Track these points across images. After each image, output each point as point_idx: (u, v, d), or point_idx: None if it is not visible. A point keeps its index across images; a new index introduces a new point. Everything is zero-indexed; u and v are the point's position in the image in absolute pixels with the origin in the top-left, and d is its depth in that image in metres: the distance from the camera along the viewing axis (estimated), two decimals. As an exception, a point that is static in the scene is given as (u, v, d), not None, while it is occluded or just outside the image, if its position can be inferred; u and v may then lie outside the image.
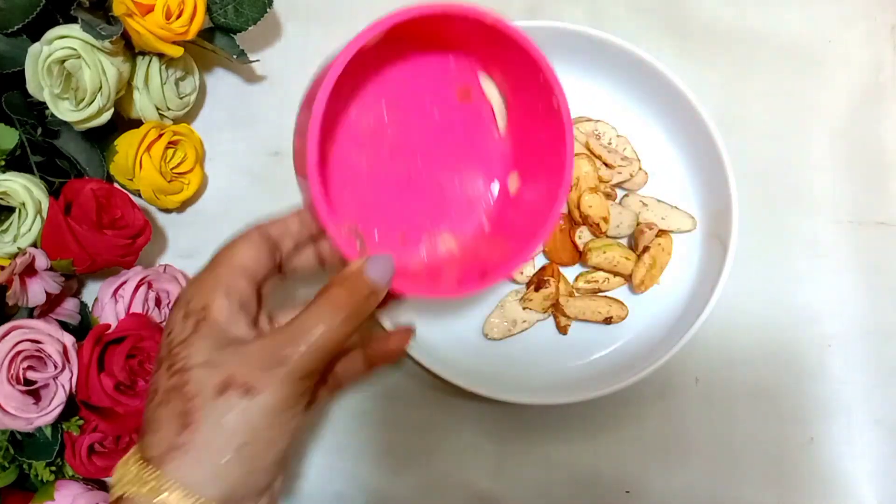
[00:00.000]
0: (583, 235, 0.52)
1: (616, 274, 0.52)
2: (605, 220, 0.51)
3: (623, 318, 0.52)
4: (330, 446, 0.52)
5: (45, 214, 0.46)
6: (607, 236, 0.52)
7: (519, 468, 0.52)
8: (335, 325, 0.31)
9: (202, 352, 0.31)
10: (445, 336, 0.52)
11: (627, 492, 0.52)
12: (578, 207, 0.51)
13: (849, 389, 0.53)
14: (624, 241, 0.53)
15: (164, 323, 0.36)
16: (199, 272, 0.34)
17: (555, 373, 0.52)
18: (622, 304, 0.52)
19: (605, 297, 0.52)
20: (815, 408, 0.53)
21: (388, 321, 0.49)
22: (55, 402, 0.44)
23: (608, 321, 0.52)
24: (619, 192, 0.54)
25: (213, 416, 0.29)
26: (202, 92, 0.56)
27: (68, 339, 0.44)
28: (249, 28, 0.52)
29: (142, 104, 0.51)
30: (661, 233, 0.52)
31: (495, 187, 0.43)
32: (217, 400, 0.30)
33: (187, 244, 0.55)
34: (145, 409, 0.32)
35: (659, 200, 0.53)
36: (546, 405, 0.51)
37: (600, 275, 0.52)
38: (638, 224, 0.52)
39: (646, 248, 0.51)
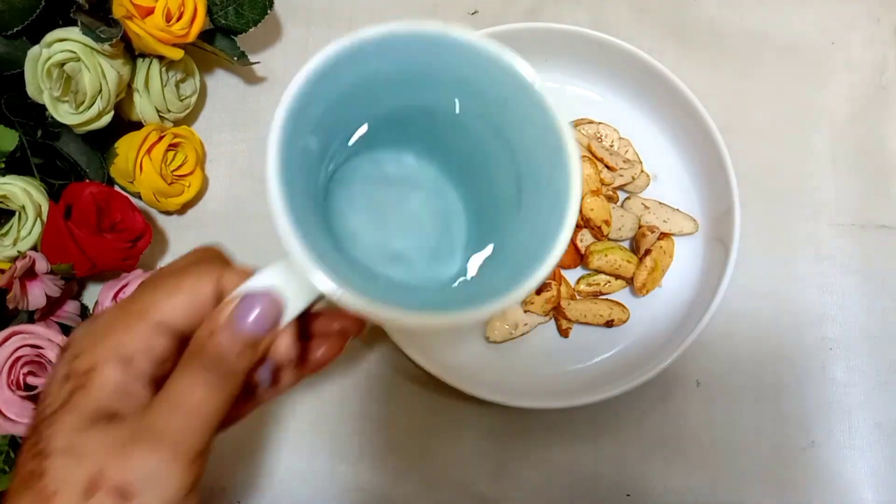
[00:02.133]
0: (584, 238, 0.52)
1: (618, 277, 0.52)
2: (607, 223, 0.51)
3: (624, 321, 0.52)
4: (330, 449, 0.52)
5: (45, 218, 0.46)
6: (609, 239, 0.52)
7: (519, 470, 0.52)
8: (208, 395, 0.25)
9: (64, 434, 0.24)
10: (446, 339, 0.52)
11: (628, 495, 0.52)
12: (580, 210, 0.51)
13: (850, 392, 0.53)
14: (626, 244, 0.53)
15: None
16: (105, 312, 0.27)
17: (556, 376, 0.52)
18: (624, 307, 0.52)
19: (607, 300, 0.52)
20: (817, 411, 0.53)
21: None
22: (56, 407, 0.44)
23: (609, 324, 0.52)
24: (621, 195, 0.54)
25: None
26: (203, 94, 0.56)
27: (69, 344, 0.44)
28: (250, 30, 0.52)
29: (142, 106, 0.51)
30: (663, 235, 0.52)
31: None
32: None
33: (188, 246, 0.54)
34: (11, 485, 0.25)
35: (661, 203, 0.53)
36: (547, 408, 0.51)
37: (602, 278, 0.52)
38: (640, 227, 0.52)
39: (647, 251, 0.51)
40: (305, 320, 0.32)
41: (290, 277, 0.27)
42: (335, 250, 0.28)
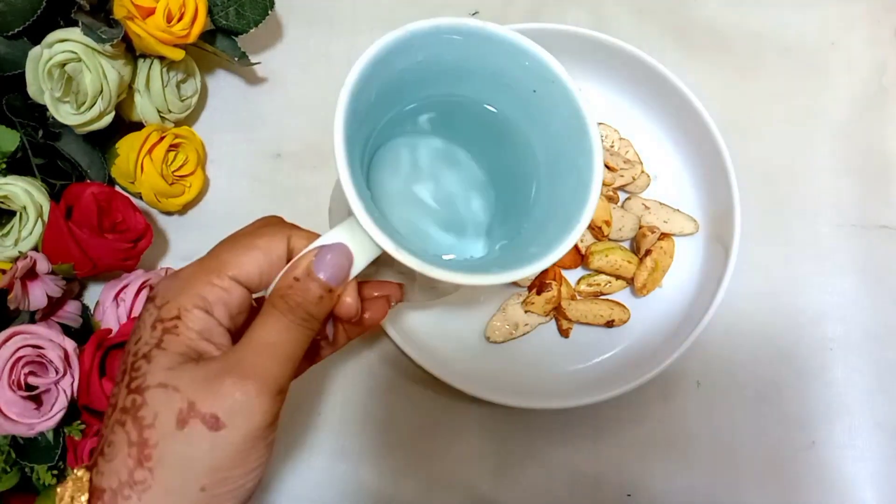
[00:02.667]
0: (585, 239, 0.52)
1: (618, 277, 0.52)
2: (608, 223, 0.51)
3: (625, 322, 0.52)
4: (331, 449, 0.52)
5: (46, 218, 0.46)
6: (609, 239, 0.52)
7: (520, 471, 0.52)
8: (295, 339, 0.28)
9: (159, 371, 0.27)
10: (447, 339, 0.52)
11: (629, 495, 0.52)
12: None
13: (850, 392, 0.53)
14: (626, 245, 0.53)
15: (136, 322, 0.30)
16: (185, 268, 0.30)
17: (556, 376, 0.52)
18: (624, 307, 0.52)
19: (607, 300, 0.52)
20: (817, 411, 0.53)
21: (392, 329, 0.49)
22: (57, 408, 0.44)
23: (610, 324, 0.52)
24: (622, 195, 0.54)
25: (174, 453, 0.26)
26: (203, 94, 0.56)
27: (69, 345, 0.44)
28: (251, 30, 0.52)
29: (143, 107, 0.51)
30: (664, 236, 0.52)
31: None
32: (178, 433, 0.26)
33: (189, 247, 0.55)
34: (103, 422, 0.28)
35: (661, 203, 0.53)
36: (547, 409, 0.51)
37: (602, 278, 0.52)
38: (640, 227, 0.52)
39: (648, 252, 0.51)
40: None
41: (355, 237, 0.30)
42: (383, 217, 0.32)
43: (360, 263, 0.30)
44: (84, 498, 0.26)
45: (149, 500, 0.25)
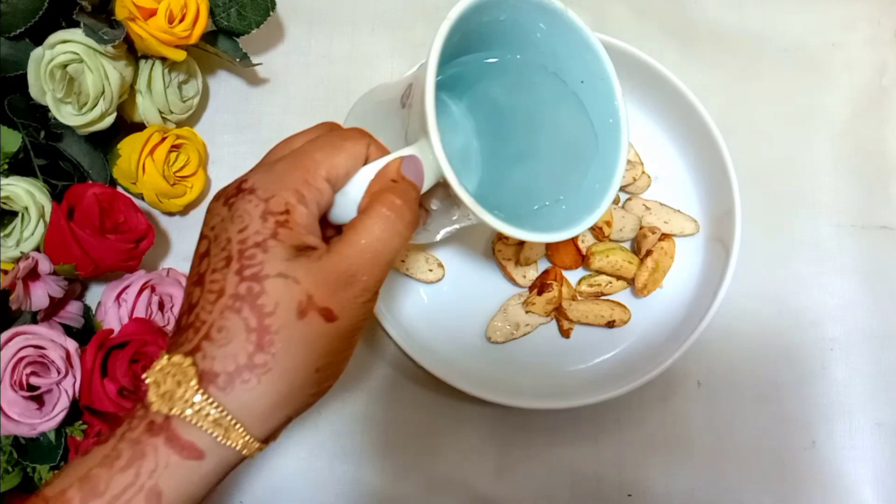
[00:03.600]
0: (585, 239, 0.52)
1: (619, 277, 0.52)
2: (608, 223, 0.51)
3: (626, 322, 0.52)
4: (332, 449, 0.52)
5: (47, 219, 0.47)
6: (610, 240, 0.52)
7: (521, 471, 0.52)
8: (400, 234, 0.30)
9: (277, 261, 0.28)
10: (448, 339, 0.52)
11: (629, 495, 0.52)
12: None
13: (851, 392, 0.53)
14: (627, 245, 0.53)
15: (225, 210, 0.30)
16: (278, 162, 0.31)
17: (557, 376, 0.52)
18: (625, 307, 0.52)
19: (608, 300, 0.52)
20: (817, 411, 0.53)
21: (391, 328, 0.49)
22: (58, 408, 0.44)
23: (611, 325, 0.52)
24: (622, 196, 0.54)
25: (294, 339, 0.27)
26: (205, 95, 0.56)
27: (71, 345, 0.44)
28: (252, 31, 0.52)
29: (144, 108, 0.51)
30: (664, 236, 0.52)
31: None
32: (297, 322, 0.27)
33: (190, 247, 0.54)
34: (197, 307, 0.28)
35: (662, 204, 0.53)
36: (548, 409, 0.51)
37: (603, 278, 0.52)
38: (641, 228, 0.52)
39: (648, 252, 0.51)
40: None
41: (426, 158, 0.32)
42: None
43: (428, 181, 0.32)
44: (193, 383, 0.26)
45: (268, 382, 0.27)
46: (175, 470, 0.26)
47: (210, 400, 0.26)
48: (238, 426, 0.27)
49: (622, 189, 0.54)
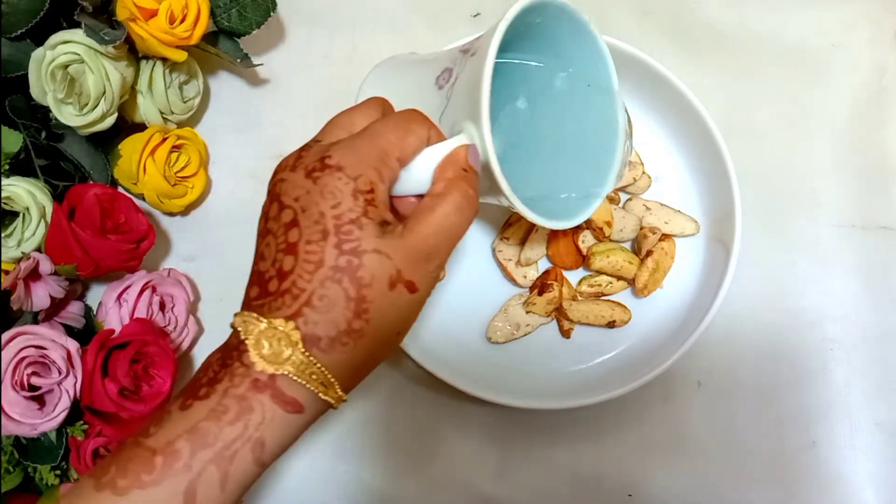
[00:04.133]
0: (586, 239, 0.52)
1: (619, 278, 0.52)
2: (609, 224, 0.52)
3: (626, 322, 0.52)
4: (333, 449, 0.52)
5: (48, 219, 0.47)
6: (610, 240, 0.52)
7: (521, 471, 0.52)
8: (468, 220, 0.33)
9: (372, 238, 0.30)
10: (449, 340, 0.52)
11: (630, 495, 0.52)
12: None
13: (851, 393, 0.53)
14: (627, 245, 0.53)
15: (310, 183, 0.31)
16: (356, 141, 0.32)
17: (558, 377, 0.52)
18: (625, 307, 0.52)
19: (609, 300, 0.52)
20: (817, 411, 0.53)
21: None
22: (59, 408, 0.44)
23: (611, 325, 0.52)
24: (623, 196, 0.54)
25: (384, 308, 0.30)
26: (206, 95, 0.56)
27: (72, 345, 0.44)
28: (253, 32, 0.52)
29: (145, 108, 0.51)
30: (665, 237, 0.52)
31: None
32: (388, 293, 0.30)
33: (191, 248, 0.55)
34: (293, 275, 0.30)
35: (662, 204, 0.53)
36: (549, 409, 0.51)
37: (603, 279, 0.52)
38: (641, 228, 0.52)
39: (649, 252, 0.51)
40: None
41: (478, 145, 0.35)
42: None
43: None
44: (300, 346, 0.29)
45: (362, 345, 0.30)
46: (279, 423, 0.29)
47: (314, 361, 0.29)
48: (335, 383, 0.30)
49: (623, 189, 0.54)
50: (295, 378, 0.29)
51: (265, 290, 0.30)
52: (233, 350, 0.29)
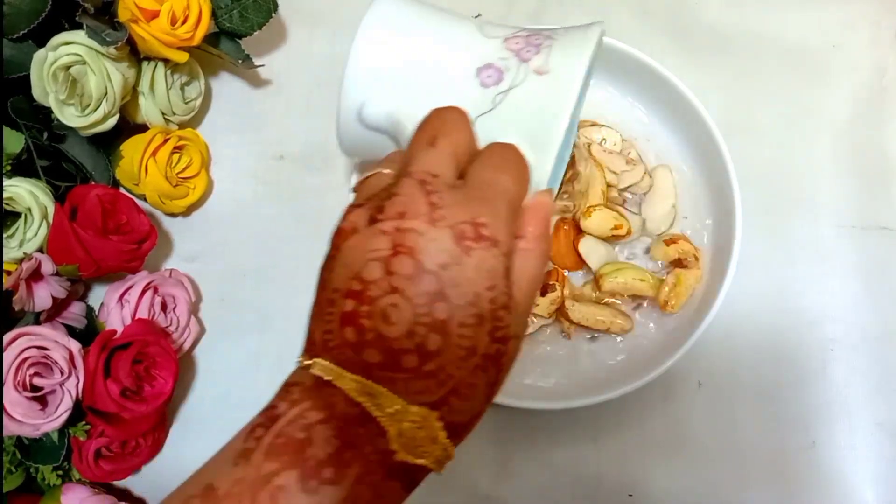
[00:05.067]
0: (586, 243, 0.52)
1: (633, 297, 0.52)
2: (619, 227, 0.51)
3: (626, 332, 0.52)
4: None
5: (50, 220, 0.47)
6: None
7: (521, 471, 0.52)
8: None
9: (515, 324, 0.29)
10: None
11: (630, 495, 0.52)
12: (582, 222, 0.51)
13: (851, 393, 0.53)
14: (653, 240, 0.53)
15: (458, 252, 0.27)
16: (498, 203, 0.30)
17: (558, 377, 0.52)
18: (627, 316, 0.52)
19: (612, 307, 0.52)
20: (818, 411, 0.53)
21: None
22: (62, 408, 0.44)
23: (609, 332, 0.52)
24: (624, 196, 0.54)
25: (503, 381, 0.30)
26: (207, 96, 0.57)
27: (74, 346, 0.45)
28: (255, 33, 0.52)
29: (147, 109, 0.51)
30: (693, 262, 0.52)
31: None
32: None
33: (193, 248, 0.55)
34: (441, 358, 0.27)
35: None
36: (549, 409, 0.51)
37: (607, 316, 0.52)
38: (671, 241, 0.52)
39: (680, 262, 0.51)
40: None
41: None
42: None
43: None
44: (444, 439, 0.27)
45: (479, 417, 0.30)
46: (396, 501, 0.28)
47: (451, 452, 0.28)
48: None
49: (626, 189, 0.54)
50: (426, 464, 0.27)
51: (397, 364, 0.26)
52: (357, 426, 0.26)
